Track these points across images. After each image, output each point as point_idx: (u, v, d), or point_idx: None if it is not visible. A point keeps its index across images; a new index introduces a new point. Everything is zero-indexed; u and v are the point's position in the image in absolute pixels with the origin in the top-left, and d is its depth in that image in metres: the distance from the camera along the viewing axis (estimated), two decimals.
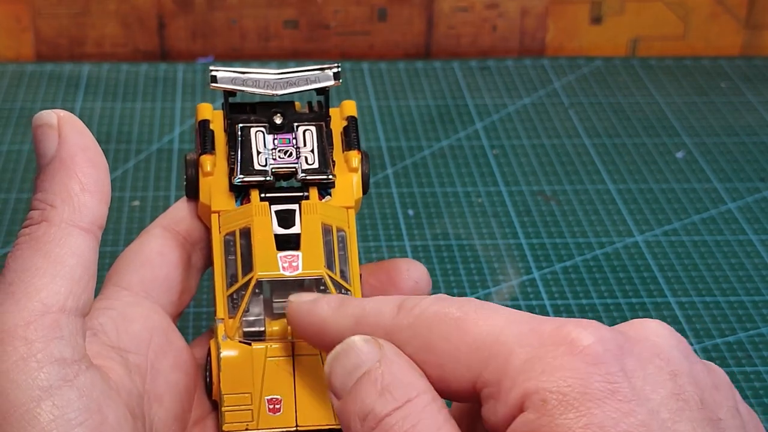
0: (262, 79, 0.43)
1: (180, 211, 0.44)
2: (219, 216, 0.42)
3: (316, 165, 0.42)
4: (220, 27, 0.90)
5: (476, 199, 0.72)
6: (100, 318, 0.40)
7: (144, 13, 0.89)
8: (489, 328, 0.33)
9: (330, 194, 0.43)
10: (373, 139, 0.79)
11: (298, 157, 0.42)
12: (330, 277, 0.40)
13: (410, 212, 0.70)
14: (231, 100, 0.43)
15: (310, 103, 0.45)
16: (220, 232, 0.42)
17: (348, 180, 0.43)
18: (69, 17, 0.89)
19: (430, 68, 0.89)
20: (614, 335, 0.32)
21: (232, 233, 0.41)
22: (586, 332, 0.32)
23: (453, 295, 0.63)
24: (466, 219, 0.70)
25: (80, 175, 0.37)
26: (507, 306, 0.34)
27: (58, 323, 0.35)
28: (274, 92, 0.42)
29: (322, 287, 0.40)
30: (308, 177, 0.42)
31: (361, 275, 0.42)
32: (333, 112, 0.45)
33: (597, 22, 0.92)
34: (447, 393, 0.33)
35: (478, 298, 0.63)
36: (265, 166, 0.42)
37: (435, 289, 0.63)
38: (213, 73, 0.42)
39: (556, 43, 0.92)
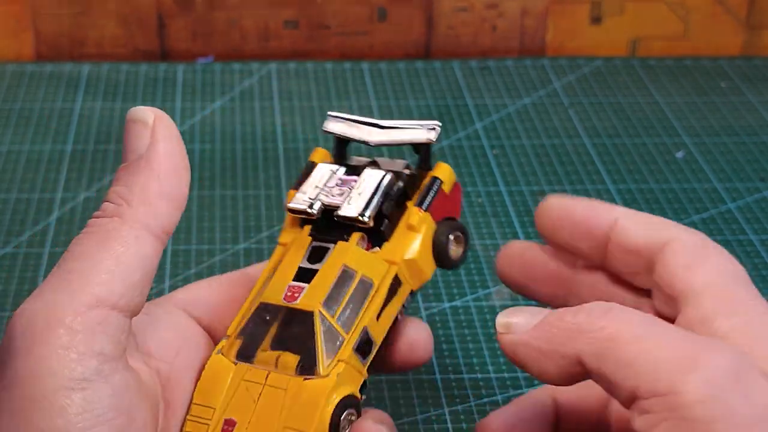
0: (366, 128, 0.44)
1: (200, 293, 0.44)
2: (279, 247, 0.44)
3: (356, 208, 0.42)
4: (220, 27, 0.90)
5: (476, 199, 0.72)
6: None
7: (144, 13, 0.89)
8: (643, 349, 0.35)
9: (380, 246, 0.43)
10: None
11: (345, 197, 0.43)
12: (323, 315, 0.39)
13: None
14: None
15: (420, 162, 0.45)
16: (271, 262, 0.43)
17: (406, 237, 0.43)
18: (69, 17, 0.89)
19: (430, 68, 0.89)
20: None
21: (278, 262, 0.42)
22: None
23: (453, 294, 0.63)
24: (466, 219, 0.70)
25: (162, 180, 0.37)
26: (507, 305, 0.34)
27: (107, 319, 0.35)
28: (370, 139, 0.44)
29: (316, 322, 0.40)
30: (343, 215, 0.42)
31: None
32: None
33: (597, 22, 0.92)
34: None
35: (477, 298, 0.63)
36: (314, 199, 0.43)
37: (435, 289, 0.63)
38: (328, 119, 0.45)
39: (556, 43, 0.92)
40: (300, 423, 0.37)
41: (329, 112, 0.45)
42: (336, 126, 0.45)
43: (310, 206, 0.43)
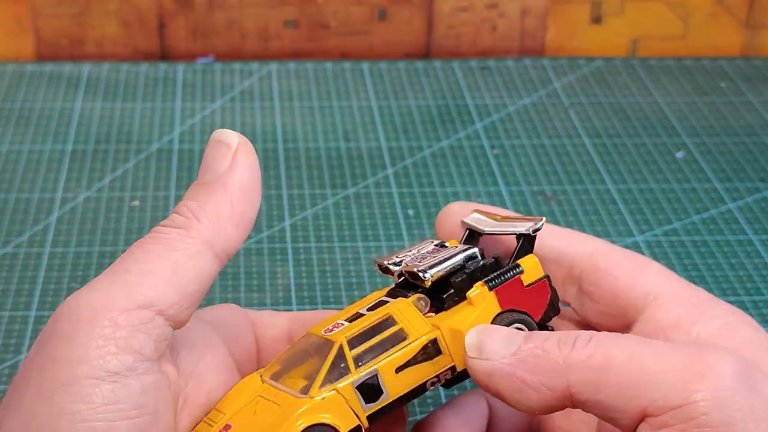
0: (488, 220, 0.45)
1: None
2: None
3: (422, 266, 0.42)
4: (220, 27, 0.90)
5: (476, 199, 0.72)
6: None
7: (144, 13, 0.89)
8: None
9: (437, 311, 0.42)
10: (373, 139, 0.79)
11: (426, 261, 0.43)
12: (341, 349, 0.40)
13: (410, 212, 0.70)
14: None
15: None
16: None
17: (462, 310, 0.42)
18: (69, 17, 0.89)
19: (430, 68, 0.89)
20: None
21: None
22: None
23: None
24: None
25: (235, 204, 0.38)
26: None
27: (152, 322, 0.36)
28: (484, 229, 0.44)
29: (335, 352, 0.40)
30: (408, 269, 0.42)
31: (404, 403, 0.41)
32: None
33: (597, 22, 0.92)
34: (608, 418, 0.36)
35: None
36: (400, 262, 0.43)
37: None
38: (467, 218, 0.45)
39: (556, 43, 0.92)
40: None
41: (475, 209, 0.46)
42: (471, 222, 0.45)
43: (390, 264, 0.43)
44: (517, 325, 0.41)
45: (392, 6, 0.90)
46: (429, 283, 0.41)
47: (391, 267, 0.43)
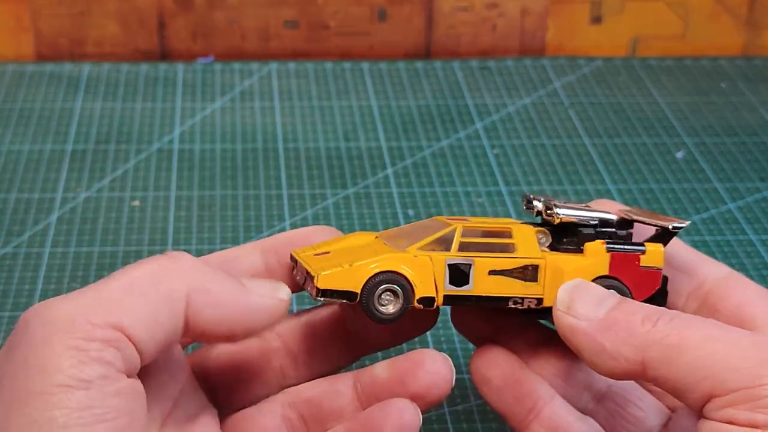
0: (635, 213, 0.46)
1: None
2: None
3: (557, 207, 0.44)
4: (220, 27, 0.90)
5: (476, 199, 0.72)
6: None
7: (144, 13, 0.89)
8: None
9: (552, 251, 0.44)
10: (373, 139, 0.79)
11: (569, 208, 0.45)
12: (454, 232, 0.43)
13: (410, 212, 0.70)
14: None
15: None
16: None
17: (572, 255, 0.44)
18: (69, 17, 0.88)
19: (430, 68, 0.89)
20: None
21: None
22: None
23: None
24: None
25: (248, 296, 0.40)
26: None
27: (124, 342, 0.36)
28: (633, 216, 0.45)
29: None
30: (538, 206, 0.45)
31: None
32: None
33: (597, 22, 0.92)
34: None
35: None
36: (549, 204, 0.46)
37: None
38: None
39: (556, 43, 0.92)
40: (356, 260, 0.41)
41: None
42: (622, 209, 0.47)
43: (535, 199, 0.45)
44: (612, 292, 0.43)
45: (392, 6, 0.90)
46: (558, 220, 0.43)
47: (534, 201, 0.45)
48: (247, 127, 0.80)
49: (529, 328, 0.46)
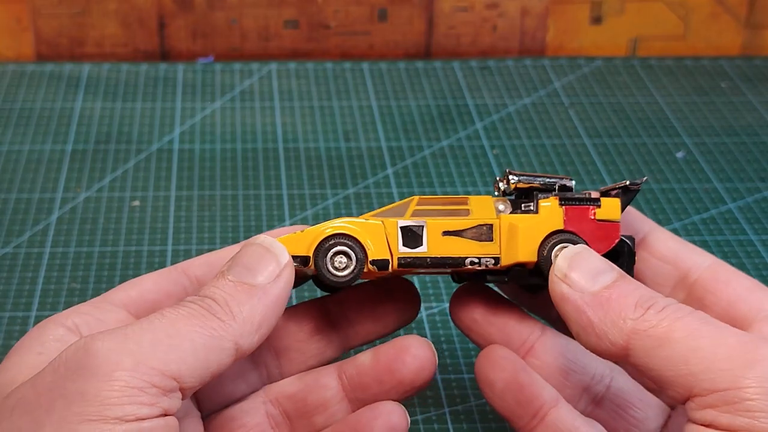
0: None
1: (200, 260, 0.46)
2: None
3: (510, 172, 0.45)
4: (220, 27, 0.90)
5: None
6: (76, 319, 0.41)
7: (144, 13, 0.89)
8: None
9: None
10: (373, 139, 0.79)
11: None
12: (410, 202, 0.44)
13: None
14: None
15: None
16: None
17: (527, 214, 0.44)
18: (69, 17, 0.88)
19: (430, 68, 0.89)
20: None
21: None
22: None
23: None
24: None
25: (265, 316, 0.40)
26: None
27: (178, 392, 0.37)
28: (600, 188, 0.45)
29: None
30: (499, 176, 0.46)
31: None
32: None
33: (597, 22, 0.92)
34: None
35: None
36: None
37: (435, 289, 0.63)
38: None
39: (556, 43, 0.92)
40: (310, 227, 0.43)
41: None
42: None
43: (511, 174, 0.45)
44: (567, 245, 0.43)
45: (392, 6, 0.90)
46: (513, 186, 0.44)
47: (500, 181, 0.45)
48: (247, 127, 0.80)
49: (527, 322, 0.46)
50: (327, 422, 0.45)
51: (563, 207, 0.43)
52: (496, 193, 0.46)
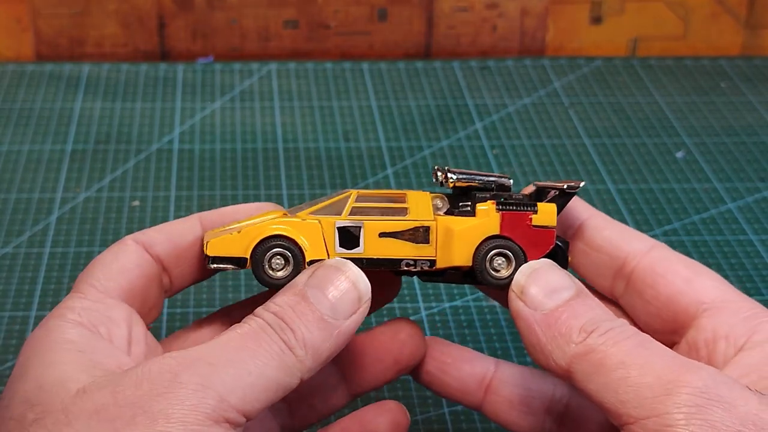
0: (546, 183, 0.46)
1: (159, 233, 0.45)
2: None
3: (448, 170, 0.45)
4: (220, 27, 0.90)
5: None
6: (89, 316, 0.41)
7: (144, 13, 0.89)
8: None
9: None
10: (373, 139, 0.79)
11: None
12: (348, 198, 0.43)
13: None
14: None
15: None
16: None
17: (465, 217, 0.44)
18: (69, 17, 0.89)
19: (430, 68, 0.89)
20: None
21: None
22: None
23: (453, 295, 0.63)
24: None
25: (331, 351, 0.39)
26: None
27: (242, 427, 0.37)
28: (537, 183, 0.46)
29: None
30: (436, 167, 0.46)
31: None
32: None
33: (597, 22, 0.92)
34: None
35: (477, 298, 0.63)
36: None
37: (435, 289, 0.63)
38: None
39: (556, 43, 0.92)
40: (246, 226, 0.42)
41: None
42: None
43: (442, 170, 0.45)
44: (503, 253, 0.43)
45: (392, 6, 0.90)
46: (452, 185, 0.44)
47: (438, 172, 0.45)
48: (247, 127, 0.80)
49: (478, 360, 0.47)
50: (325, 405, 0.45)
51: (500, 213, 0.43)
52: (434, 180, 0.46)
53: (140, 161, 0.76)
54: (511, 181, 0.44)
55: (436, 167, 0.45)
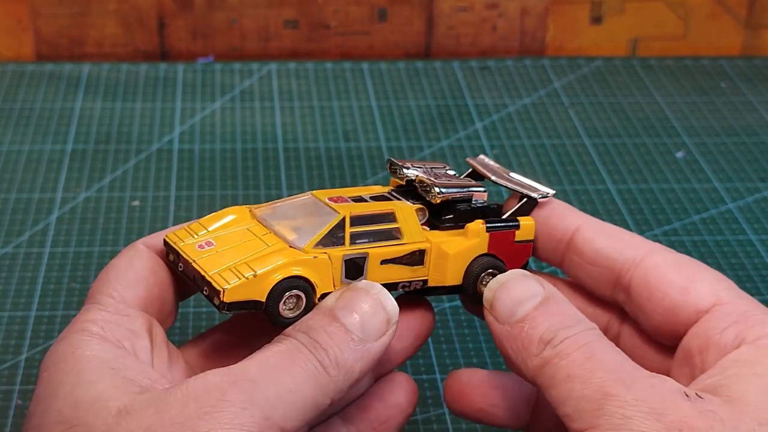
0: (496, 172, 0.48)
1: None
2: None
3: (437, 185, 0.45)
4: (220, 27, 0.90)
5: None
6: (112, 330, 0.40)
7: (144, 13, 0.89)
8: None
9: (430, 227, 0.45)
10: (373, 139, 0.79)
11: (439, 181, 0.46)
12: (343, 221, 0.43)
13: None
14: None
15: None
16: None
17: (455, 237, 0.44)
18: (69, 17, 0.89)
19: (430, 68, 0.89)
20: None
21: None
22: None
23: (453, 295, 0.63)
24: None
25: (360, 369, 0.39)
26: None
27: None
28: (491, 176, 0.47)
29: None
30: (422, 179, 0.46)
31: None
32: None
33: (597, 22, 0.92)
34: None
35: None
36: (413, 170, 0.47)
37: None
38: (474, 159, 0.49)
39: (556, 43, 0.92)
40: (257, 265, 0.41)
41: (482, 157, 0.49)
42: (477, 161, 0.49)
43: (403, 167, 0.46)
44: (491, 270, 0.44)
45: (392, 6, 0.90)
46: (438, 200, 0.44)
47: (404, 170, 0.46)
48: (247, 127, 0.80)
49: (520, 385, 0.46)
50: None
51: (489, 233, 0.44)
52: (389, 171, 0.46)
53: (140, 161, 0.76)
54: (486, 192, 0.46)
55: (390, 160, 0.46)
